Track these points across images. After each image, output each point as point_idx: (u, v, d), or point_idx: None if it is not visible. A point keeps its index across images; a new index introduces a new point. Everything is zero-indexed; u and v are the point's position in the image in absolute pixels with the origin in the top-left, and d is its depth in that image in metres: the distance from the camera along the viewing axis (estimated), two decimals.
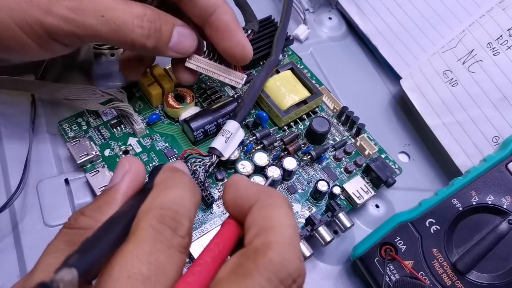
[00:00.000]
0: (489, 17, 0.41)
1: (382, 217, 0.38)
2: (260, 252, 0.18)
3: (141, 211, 0.20)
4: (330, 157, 0.39)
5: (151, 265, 0.17)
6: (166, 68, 0.39)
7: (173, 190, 0.20)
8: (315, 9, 0.51)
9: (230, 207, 0.22)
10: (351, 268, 0.36)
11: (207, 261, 0.19)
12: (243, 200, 0.21)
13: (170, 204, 0.20)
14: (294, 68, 0.41)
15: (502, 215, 0.33)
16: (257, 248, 0.19)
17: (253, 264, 0.18)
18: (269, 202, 0.20)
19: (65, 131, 0.36)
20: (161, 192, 0.20)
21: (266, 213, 0.20)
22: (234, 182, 0.22)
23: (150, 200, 0.20)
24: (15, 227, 0.33)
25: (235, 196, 0.21)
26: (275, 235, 0.19)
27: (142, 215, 0.19)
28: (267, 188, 0.22)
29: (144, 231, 0.19)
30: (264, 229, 0.19)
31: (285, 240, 0.19)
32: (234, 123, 0.35)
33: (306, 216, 0.35)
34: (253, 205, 0.20)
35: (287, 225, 0.20)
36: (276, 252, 0.18)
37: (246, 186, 0.21)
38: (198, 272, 0.18)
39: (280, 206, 0.20)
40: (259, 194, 0.21)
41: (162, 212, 0.19)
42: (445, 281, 0.32)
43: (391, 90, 0.47)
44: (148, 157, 0.36)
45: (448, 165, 0.41)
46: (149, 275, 0.17)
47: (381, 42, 0.47)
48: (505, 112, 0.38)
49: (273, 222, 0.20)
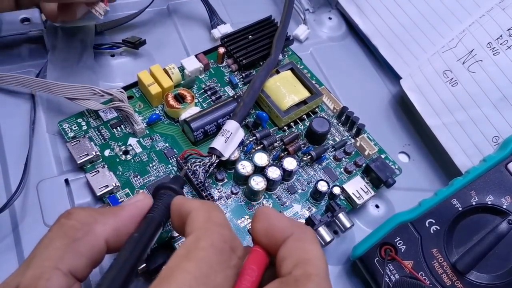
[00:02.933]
0: (489, 17, 0.41)
1: (382, 217, 0.38)
2: (301, 283, 0.20)
3: (196, 228, 0.20)
4: (330, 157, 0.39)
5: (207, 286, 0.18)
6: (166, 68, 0.39)
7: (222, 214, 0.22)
8: (315, 9, 0.51)
9: (261, 236, 0.22)
10: (351, 268, 0.36)
11: (248, 286, 0.20)
12: (277, 232, 0.22)
13: (226, 223, 0.21)
14: (294, 68, 0.41)
15: (501, 215, 0.33)
16: (297, 278, 0.20)
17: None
18: (303, 236, 0.22)
19: (65, 131, 0.36)
20: (213, 212, 0.21)
21: (302, 246, 0.21)
22: (266, 213, 0.23)
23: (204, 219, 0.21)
24: (15, 227, 0.33)
25: (267, 226, 0.22)
26: (313, 267, 0.20)
27: (202, 233, 0.20)
28: (298, 222, 0.23)
29: (205, 252, 0.19)
30: (302, 261, 0.21)
31: (321, 273, 0.20)
32: (234, 123, 0.35)
33: (306, 216, 0.35)
34: (287, 237, 0.22)
35: (321, 258, 0.21)
36: (315, 283, 0.20)
37: (280, 218, 0.23)
38: None
39: (313, 240, 0.22)
40: (293, 228, 0.22)
41: (222, 231, 0.20)
42: (445, 281, 0.32)
43: (391, 90, 0.47)
44: (148, 157, 0.36)
45: (448, 165, 0.41)
46: None
47: (381, 42, 0.47)
48: (505, 112, 0.38)
49: (310, 255, 0.21)
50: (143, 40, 0.43)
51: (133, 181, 0.35)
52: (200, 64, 0.41)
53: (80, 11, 0.39)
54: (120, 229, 0.23)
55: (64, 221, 0.21)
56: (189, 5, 0.48)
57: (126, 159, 0.36)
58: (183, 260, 0.19)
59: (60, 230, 0.21)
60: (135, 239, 0.22)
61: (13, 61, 0.40)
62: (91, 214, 0.22)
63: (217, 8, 0.47)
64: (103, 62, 0.42)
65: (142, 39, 0.42)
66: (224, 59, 0.43)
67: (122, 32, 0.44)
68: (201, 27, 0.47)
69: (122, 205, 0.24)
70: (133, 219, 0.24)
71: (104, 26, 0.43)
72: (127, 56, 0.43)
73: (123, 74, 0.42)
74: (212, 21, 0.46)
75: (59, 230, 0.21)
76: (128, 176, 0.35)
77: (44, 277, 0.19)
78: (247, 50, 0.42)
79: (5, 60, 0.40)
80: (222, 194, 0.35)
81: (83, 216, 0.22)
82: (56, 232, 0.21)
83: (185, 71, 0.40)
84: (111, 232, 0.22)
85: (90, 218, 0.22)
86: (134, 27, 0.45)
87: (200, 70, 0.41)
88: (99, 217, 0.22)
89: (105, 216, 0.22)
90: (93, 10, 0.37)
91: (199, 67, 0.41)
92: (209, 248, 0.19)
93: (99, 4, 0.37)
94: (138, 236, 0.22)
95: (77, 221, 0.21)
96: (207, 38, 0.46)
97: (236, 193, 0.36)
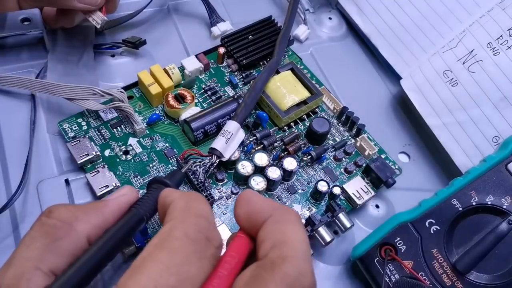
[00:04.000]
0: (489, 17, 0.41)
1: (382, 217, 0.38)
2: (276, 265, 0.19)
3: (173, 217, 0.20)
4: (330, 157, 0.39)
5: (179, 276, 0.18)
6: (166, 68, 0.39)
7: (202, 205, 0.21)
8: (315, 9, 0.51)
9: (243, 221, 0.22)
10: (351, 269, 0.36)
11: (225, 274, 0.19)
12: (257, 214, 0.21)
13: (203, 213, 0.20)
14: (294, 69, 0.41)
15: (502, 215, 0.33)
16: (273, 261, 0.19)
17: (270, 276, 0.18)
18: (283, 217, 0.21)
19: (65, 131, 0.36)
20: (191, 202, 0.21)
21: (281, 227, 0.21)
22: (247, 197, 0.22)
23: (181, 209, 0.20)
24: (15, 227, 0.33)
25: (248, 210, 0.22)
26: (291, 249, 0.20)
27: (176, 223, 0.20)
28: (280, 204, 0.22)
29: (179, 241, 0.19)
30: (279, 243, 0.20)
31: (300, 254, 0.20)
32: (234, 123, 0.35)
33: (306, 216, 0.35)
34: (266, 219, 0.21)
35: (301, 240, 0.20)
36: (292, 265, 0.19)
37: (260, 201, 0.22)
38: (217, 284, 0.19)
39: (294, 221, 0.21)
40: (273, 210, 0.21)
41: (197, 221, 0.20)
42: (445, 281, 0.32)
43: (391, 90, 0.47)
44: (148, 157, 0.36)
45: (448, 165, 0.41)
46: (176, 286, 0.17)
47: (381, 42, 0.47)
48: (505, 112, 0.38)
49: (288, 236, 0.20)
50: (143, 40, 0.43)
51: (133, 181, 0.35)
52: (200, 64, 0.41)
53: (78, 17, 0.39)
54: (102, 226, 0.22)
55: (45, 220, 0.21)
56: (189, 4, 0.48)
57: (126, 159, 0.36)
58: (155, 250, 0.19)
59: (41, 229, 0.21)
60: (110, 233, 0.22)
61: (13, 61, 0.40)
62: (72, 212, 0.22)
63: (217, 8, 0.47)
64: (103, 62, 0.42)
65: (142, 39, 0.42)
66: (224, 59, 0.43)
67: (122, 32, 0.44)
68: (201, 27, 0.47)
69: (105, 201, 0.24)
70: (116, 214, 0.23)
71: (104, 26, 0.43)
72: (127, 56, 0.43)
73: (123, 74, 0.42)
74: (211, 19, 0.46)
75: (40, 229, 0.21)
76: (128, 176, 0.35)
77: (25, 277, 0.19)
78: (247, 50, 0.42)
79: (5, 60, 0.40)
80: (222, 194, 0.35)
81: (64, 214, 0.21)
82: (37, 231, 0.21)
83: (185, 71, 0.40)
84: (93, 230, 0.22)
85: (71, 216, 0.21)
86: (134, 27, 0.45)
87: (200, 70, 0.41)
88: (81, 215, 0.22)
89: (87, 213, 0.22)
90: (90, 19, 0.37)
91: (199, 67, 0.41)
92: (183, 238, 0.19)
93: (97, 13, 0.37)
94: (114, 230, 0.22)
95: (58, 220, 0.21)
96: (208, 38, 0.46)
97: (236, 193, 0.36)
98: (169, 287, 0.17)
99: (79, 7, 0.36)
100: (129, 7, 0.46)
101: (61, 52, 0.40)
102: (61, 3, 0.35)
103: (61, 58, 0.40)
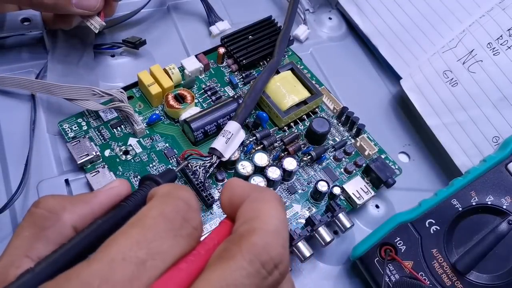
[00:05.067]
0: (489, 17, 0.41)
1: (382, 217, 0.38)
2: (244, 237, 0.19)
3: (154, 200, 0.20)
4: (330, 157, 0.39)
5: (150, 250, 0.18)
6: (166, 68, 0.39)
7: (184, 192, 0.21)
8: (315, 9, 0.51)
9: (226, 207, 0.22)
10: (351, 269, 0.36)
11: (201, 253, 0.20)
12: (237, 198, 0.22)
13: (184, 197, 0.20)
14: (294, 69, 0.41)
15: (501, 215, 0.33)
16: (241, 233, 0.19)
17: (237, 247, 0.19)
18: (259, 196, 0.21)
19: (65, 131, 0.36)
20: (174, 189, 0.21)
21: (255, 206, 0.21)
22: (230, 184, 0.22)
23: (162, 193, 0.21)
24: (15, 227, 0.33)
25: (230, 195, 0.22)
26: (260, 222, 0.20)
27: (154, 204, 0.20)
28: (259, 186, 0.22)
29: (152, 220, 0.19)
30: (250, 219, 0.20)
31: (269, 227, 0.19)
32: (235, 124, 0.35)
33: (306, 216, 0.35)
34: (244, 201, 0.21)
35: (273, 216, 0.20)
36: (259, 236, 0.19)
37: (241, 186, 0.22)
38: (191, 261, 0.19)
39: (269, 200, 0.21)
40: (250, 191, 0.21)
41: (176, 202, 0.20)
42: (445, 281, 0.32)
43: (391, 90, 0.47)
44: (148, 157, 0.36)
45: (448, 165, 0.41)
46: (145, 259, 0.18)
47: (381, 42, 0.47)
48: (505, 112, 0.38)
49: (260, 213, 0.20)
50: (143, 40, 0.43)
51: (133, 181, 0.35)
52: (200, 64, 0.41)
53: (76, 20, 0.39)
54: (88, 216, 0.23)
55: (34, 210, 0.22)
56: (189, 4, 0.48)
57: (126, 159, 0.36)
58: (128, 227, 0.19)
59: (30, 218, 0.21)
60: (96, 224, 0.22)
61: (13, 62, 0.40)
62: (59, 202, 0.22)
63: (217, 8, 0.47)
64: (103, 62, 0.42)
65: (142, 39, 0.42)
66: (224, 59, 0.43)
67: (122, 32, 0.44)
68: (201, 27, 0.47)
69: (95, 192, 0.24)
70: (104, 206, 0.24)
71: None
72: (127, 56, 0.43)
73: (123, 74, 0.42)
74: (209, 18, 0.46)
75: (29, 218, 0.21)
76: (128, 176, 0.35)
77: (14, 264, 0.20)
78: (247, 50, 0.42)
79: (5, 60, 0.40)
80: None
81: (52, 204, 0.22)
82: (26, 221, 0.21)
83: (185, 71, 0.40)
84: (79, 220, 0.22)
85: (58, 206, 0.22)
86: (134, 27, 0.45)
87: (200, 70, 0.41)
88: (68, 205, 0.22)
89: (74, 204, 0.23)
90: (89, 23, 0.37)
91: (199, 67, 0.41)
92: (158, 217, 0.19)
93: (95, 18, 0.37)
94: (100, 222, 0.22)
95: (45, 210, 0.22)
96: (208, 38, 0.46)
97: None
98: (138, 260, 0.17)
99: (77, 12, 0.36)
100: (129, 7, 0.46)
101: (61, 52, 0.40)
102: (59, 8, 0.35)
103: (61, 58, 0.40)
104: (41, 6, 0.34)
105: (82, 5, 0.35)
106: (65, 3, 0.34)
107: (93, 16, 0.37)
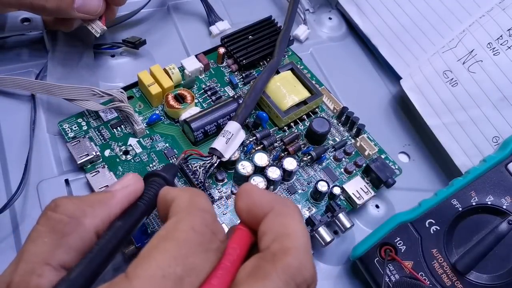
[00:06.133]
0: (489, 17, 0.41)
1: (382, 217, 0.38)
2: (278, 256, 0.19)
3: (179, 211, 0.20)
4: (330, 157, 0.39)
5: (186, 266, 0.18)
6: (166, 68, 0.39)
7: (205, 200, 0.21)
8: (315, 9, 0.51)
9: (244, 214, 0.22)
10: (351, 269, 0.36)
11: (227, 265, 0.20)
12: (257, 208, 0.22)
13: (207, 207, 0.21)
14: (294, 69, 0.41)
15: (501, 215, 0.33)
16: (275, 252, 0.19)
17: (272, 266, 0.19)
18: (284, 210, 0.21)
19: (65, 131, 0.36)
20: (195, 197, 0.21)
21: (282, 220, 0.21)
22: (248, 190, 0.22)
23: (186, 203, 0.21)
24: (15, 228, 0.33)
25: (249, 203, 0.22)
26: (292, 241, 0.20)
27: (183, 216, 0.20)
28: (280, 197, 0.23)
29: (185, 233, 0.19)
30: (280, 235, 0.20)
31: (301, 246, 0.20)
32: (235, 124, 0.35)
33: (306, 216, 0.35)
34: (267, 212, 0.21)
35: (302, 232, 0.21)
36: (293, 257, 0.19)
37: (260, 194, 0.22)
38: (221, 275, 0.19)
39: (294, 214, 0.21)
40: (274, 203, 0.22)
41: (203, 214, 0.20)
42: (445, 281, 0.32)
43: (391, 90, 0.47)
44: (148, 157, 0.36)
45: (448, 165, 0.41)
46: (183, 276, 0.18)
47: (381, 42, 0.47)
48: (505, 112, 0.38)
49: (289, 229, 0.20)
50: (143, 40, 0.43)
51: None
52: (200, 64, 0.41)
53: (76, 22, 0.39)
54: (108, 219, 0.22)
55: (51, 214, 0.21)
56: (189, 4, 0.48)
57: (126, 159, 0.36)
58: (162, 241, 0.19)
59: (48, 223, 0.21)
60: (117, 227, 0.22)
61: (13, 62, 0.40)
62: (79, 206, 0.21)
63: (217, 8, 0.47)
64: (103, 62, 0.42)
65: (142, 39, 0.42)
66: (224, 59, 0.43)
67: (122, 32, 0.44)
68: (201, 27, 0.47)
69: (112, 192, 0.23)
70: (122, 206, 0.23)
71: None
72: (127, 56, 0.43)
73: (123, 74, 0.42)
74: (209, 18, 0.46)
75: (47, 223, 0.21)
76: None
77: (35, 273, 0.19)
78: (247, 50, 0.42)
79: (5, 60, 0.40)
80: (222, 194, 0.35)
81: (71, 209, 0.21)
82: (44, 226, 0.21)
83: (185, 71, 0.40)
84: (100, 224, 0.22)
85: (78, 211, 0.21)
86: (134, 27, 0.45)
87: (200, 70, 0.41)
88: (87, 209, 0.21)
89: (93, 207, 0.22)
90: (90, 27, 0.37)
91: (199, 67, 0.41)
92: (189, 231, 0.19)
93: (96, 22, 0.37)
94: (120, 225, 0.22)
95: (65, 215, 0.21)
96: (208, 38, 0.46)
97: (236, 193, 0.36)
98: (176, 276, 0.18)
99: (78, 17, 0.36)
100: (129, 7, 0.46)
101: (61, 52, 0.40)
102: (61, 13, 0.35)
103: (61, 58, 0.40)
104: (42, 10, 0.34)
105: (83, 10, 0.35)
106: (66, 8, 0.34)
107: (94, 20, 0.37)
